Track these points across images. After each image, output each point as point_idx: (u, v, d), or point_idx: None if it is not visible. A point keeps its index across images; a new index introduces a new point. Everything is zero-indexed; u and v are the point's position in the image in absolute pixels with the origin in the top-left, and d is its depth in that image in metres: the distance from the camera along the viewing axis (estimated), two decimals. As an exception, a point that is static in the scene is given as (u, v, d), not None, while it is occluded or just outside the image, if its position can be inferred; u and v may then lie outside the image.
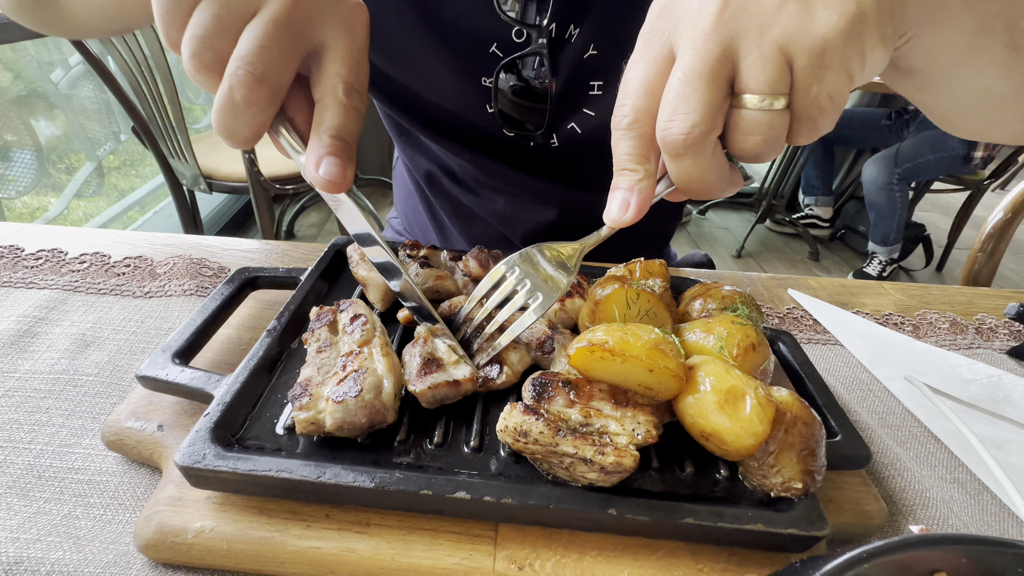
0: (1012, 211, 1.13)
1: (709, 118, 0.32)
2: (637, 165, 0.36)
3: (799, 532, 0.37)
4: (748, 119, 0.32)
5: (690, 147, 0.32)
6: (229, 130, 0.36)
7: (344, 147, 0.38)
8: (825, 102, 0.32)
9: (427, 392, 0.42)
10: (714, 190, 0.36)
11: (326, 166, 0.37)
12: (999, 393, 0.65)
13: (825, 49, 0.30)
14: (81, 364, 0.53)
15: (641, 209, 0.36)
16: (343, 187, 0.38)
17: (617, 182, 0.37)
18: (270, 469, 0.36)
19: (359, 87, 0.39)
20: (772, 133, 0.32)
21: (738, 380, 0.39)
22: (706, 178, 0.34)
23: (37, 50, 2.15)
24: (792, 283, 0.85)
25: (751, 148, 0.33)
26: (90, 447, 0.45)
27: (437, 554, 0.37)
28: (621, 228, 0.38)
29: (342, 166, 0.37)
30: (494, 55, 0.64)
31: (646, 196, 0.36)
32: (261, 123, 0.36)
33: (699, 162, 0.33)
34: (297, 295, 0.53)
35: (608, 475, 0.37)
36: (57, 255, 0.68)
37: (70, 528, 0.39)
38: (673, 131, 0.32)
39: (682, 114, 0.32)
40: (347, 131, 0.38)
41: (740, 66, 0.31)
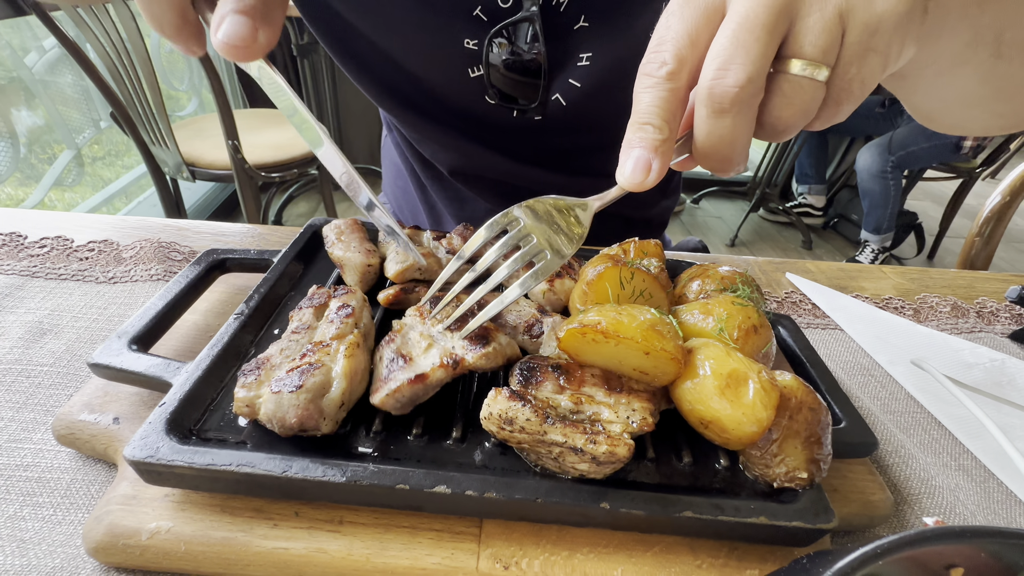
0: (1010, 194, 1.11)
1: (762, 73, 0.29)
2: (663, 122, 0.32)
3: (805, 525, 0.34)
4: (793, 85, 0.30)
5: (738, 103, 0.30)
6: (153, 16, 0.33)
7: (256, 4, 0.32)
8: (856, 87, 0.31)
9: (388, 400, 0.37)
10: (735, 159, 0.33)
11: (229, 25, 0.32)
12: (1003, 377, 0.63)
13: (878, 29, 0.29)
14: (35, 353, 0.49)
15: (661, 173, 0.33)
16: (252, 53, 0.33)
17: (634, 138, 0.33)
18: (231, 463, 0.33)
19: None
20: (810, 105, 0.31)
21: (740, 364, 0.36)
22: (738, 143, 0.32)
23: (10, 34, 2.07)
24: (790, 267, 0.82)
25: (787, 118, 0.31)
26: (41, 442, 0.42)
27: (416, 553, 0.34)
28: (632, 192, 0.34)
29: (251, 26, 0.32)
30: (478, 18, 0.60)
31: (667, 160, 0.33)
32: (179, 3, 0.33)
33: (739, 122, 0.31)
34: (268, 277, 0.50)
35: (600, 466, 0.34)
36: (15, 239, 0.64)
37: (14, 530, 0.36)
38: (727, 82, 0.29)
39: (739, 64, 0.29)
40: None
41: (796, 27, 0.29)
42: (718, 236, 3.72)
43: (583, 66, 0.63)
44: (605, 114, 0.70)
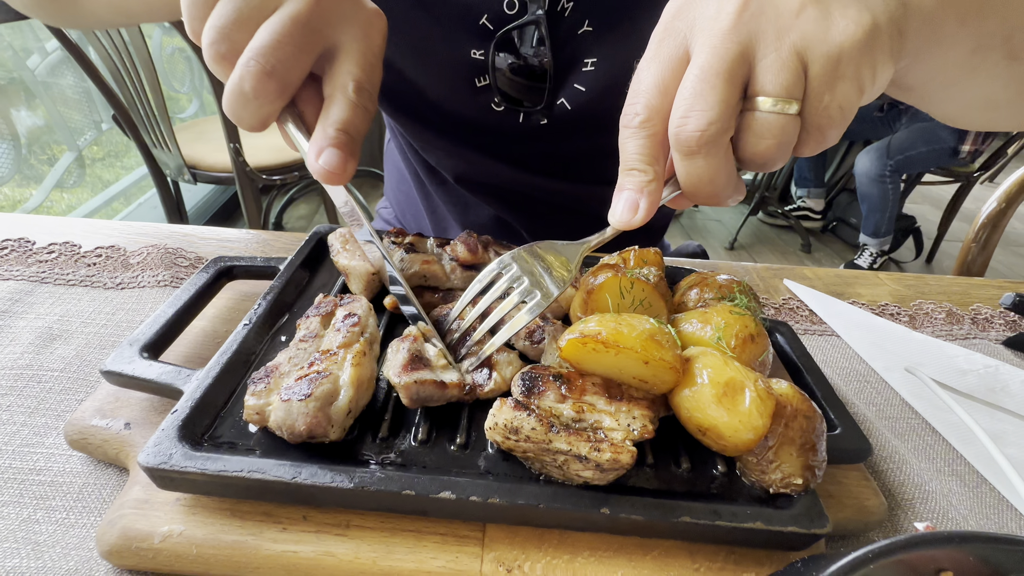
0: (1006, 201, 1.13)
1: (725, 117, 0.31)
2: (647, 166, 0.35)
3: (800, 530, 0.35)
4: (761, 122, 0.32)
5: (704, 145, 0.32)
6: (237, 116, 0.37)
7: (348, 141, 0.38)
8: (835, 112, 0.32)
9: (412, 386, 0.39)
10: (721, 195, 0.35)
11: (327, 156, 0.37)
12: (996, 384, 0.64)
13: (841, 58, 0.30)
14: (46, 359, 0.50)
15: (650, 212, 0.36)
16: (343, 179, 0.39)
17: (624, 182, 0.36)
18: (242, 469, 0.34)
19: (370, 88, 0.39)
20: (784, 138, 0.32)
21: (737, 372, 0.37)
22: (716, 180, 0.34)
23: (12, 36, 2.08)
24: (787, 273, 0.83)
25: (762, 152, 0.33)
26: (53, 447, 0.42)
27: (421, 557, 0.35)
28: (625, 231, 0.37)
29: (343, 158, 0.38)
30: (484, 27, 0.62)
31: (655, 199, 0.36)
32: (268, 114, 0.37)
33: (711, 162, 0.33)
34: (275, 285, 0.51)
35: (604, 473, 0.35)
36: (24, 244, 0.64)
37: (29, 533, 0.37)
38: (688, 127, 0.32)
39: (698, 111, 0.31)
40: (353, 126, 0.38)
41: (756, 68, 0.31)
42: (717, 239, 3.73)
43: (588, 71, 0.64)
44: (610, 119, 0.71)
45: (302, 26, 0.36)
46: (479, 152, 0.76)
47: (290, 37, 0.35)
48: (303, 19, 0.36)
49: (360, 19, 0.39)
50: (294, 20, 0.35)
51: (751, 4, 0.31)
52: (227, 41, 0.35)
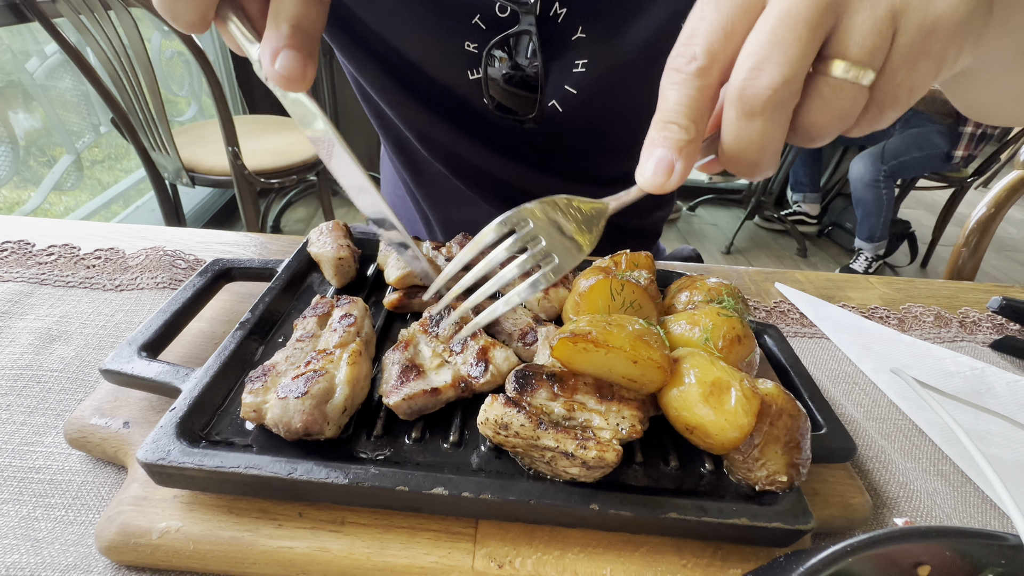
0: (995, 206, 1.14)
1: (799, 74, 0.27)
2: (690, 122, 0.30)
3: (784, 526, 0.36)
4: (832, 88, 0.28)
5: (772, 106, 0.28)
6: (172, 12, 0.33)
7: (305, 40, 0.34)
8: (904, 93, 0.28)
9: (402, 404, 0.40)
10: (764, 165, 0.31)
11: (284, 59, 0.33)
12: (982, 385, 0.65)
13: (935, 31, 0.27)
14: (45, 359, 0.50)
15: (684, 176, 0.31)
16: (303, 84, 0.34)
17: (657, 137, 0.31)
18: (238, 465, 0.34)
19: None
20: (850, 111, 0.28)
21: (723, 372, 0.38)
22: (768, 147, 0.30)
23: (12, 39, 2.08)
24: (779, 277, 0.84)
25: (824, 123, 0.29)
26: (52, 445, 0.43)
27: (414, 552, 0.36)
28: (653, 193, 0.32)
29: (302, 60, 0.33)
30: (476, 26, 0.62)
31: (691, 162, 0.31)
32: (203, 5, 0.33)
33: (771, 127, 0.29)
34: (273, 287, 0.51)
35: (590, 470, 0.36)
36: (24, 247, 0.65)
37: (28, 530, 0.37)
38: (761, 83, 0.27)
39: (775, 64, 0.27)
40: (308, 20, 0.34)
41: (843, 24, 0.27)
42: (714, 244, 3.75)
43: (579, 72, 0.65)
44: (602, 118, 0.72)
45: None
46: (472, 139, 0.76)
47: None
48: None
49: None
50: None
51: None
52: None
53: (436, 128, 0.76)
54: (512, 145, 0.77)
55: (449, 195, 0.86)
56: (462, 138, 0.76)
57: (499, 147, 0.77)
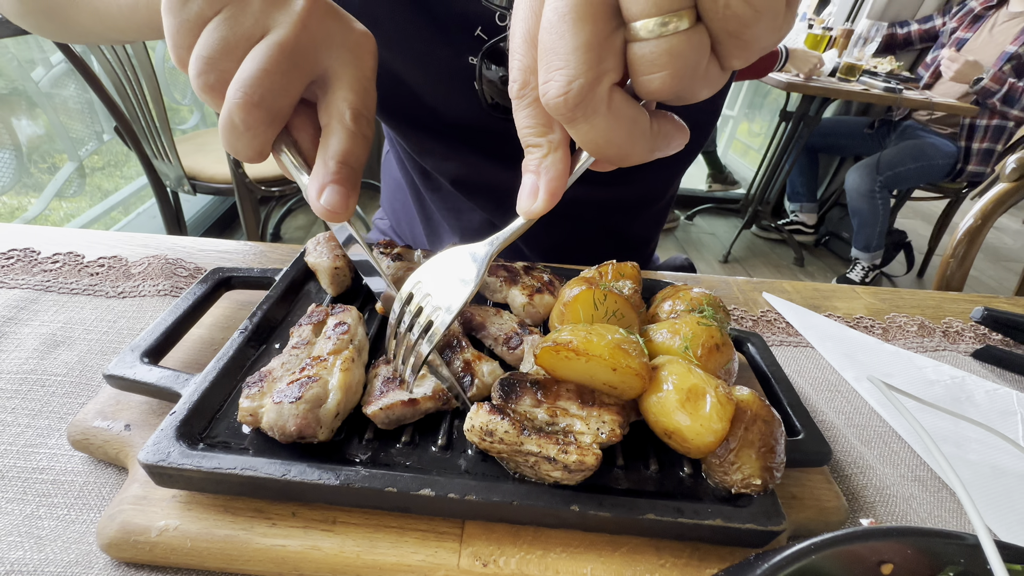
0: (982, 217, 1.16)
1: (590, 66, 0.26)
2: (539, 138, 0.31)
3: (757, 527, 0.38)
4: (646, 52, 0.25)
5: (576, 108, 0.27)
6: (233, 149, 0.36)
7: (350, 174, 0.37)
8: (742, 9, 0.24)
9: (379, 414, 0.41)
10: (633, 152, 0.29)
11: (329, 194, 0.36)
12: (962, 394, 0.67)
13: None
14: (50, 364, 0.52)
15: (553, 193, 0.31)
16: (345, 216, 0.37)
17: (525, 163, 0.32)
18: (235, 467, 0.36)
19: (367, 113, 0.38)
20: (681, 63, 0.25)
21: (699, 379, 0.40)
22: (614, 139, 0.28)
23: (18, 48, 2.12)
24: (767, 287, 0.86)
25: (660, 88, 0.26)
26: (56, 447, 0.45)
27: (402, 551, 0.38)
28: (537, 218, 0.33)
29: (345, 195, 0.36)
30: (479, 38, 0.65)
31: (556, 174, 0.31)
32: (262, 144, 0.36)
33: (596, 123, 0.27)
34: (271, 295, 0.53)
35: (572, 473, 0.38)
36: (29, 255, 0.67)
37: (32, 528, 0.39)
38: (551, 92, 0.27)
39: (555, 70, 0.26)
40: (353, 157, 0.37)
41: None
42: (711, 253, 3.78)
43: None
44: None
45: (289, 53, 0.34)
46: (474, 154, 0.78)
47: (277, 65, 0.34)
48: (290, 46, 0.34)
49: (350, 42, 0.38)
50: (281, 47, 0.34)
51: None
52: (214, 71, 0.34)
53: (436, 145, 0.78)
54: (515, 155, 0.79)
55: (452, 201, 0.89)
56: (464, 152, 0.78)
57: (500, 158, 0.79)
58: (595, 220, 0.90)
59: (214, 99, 0.35)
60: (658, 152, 0.31)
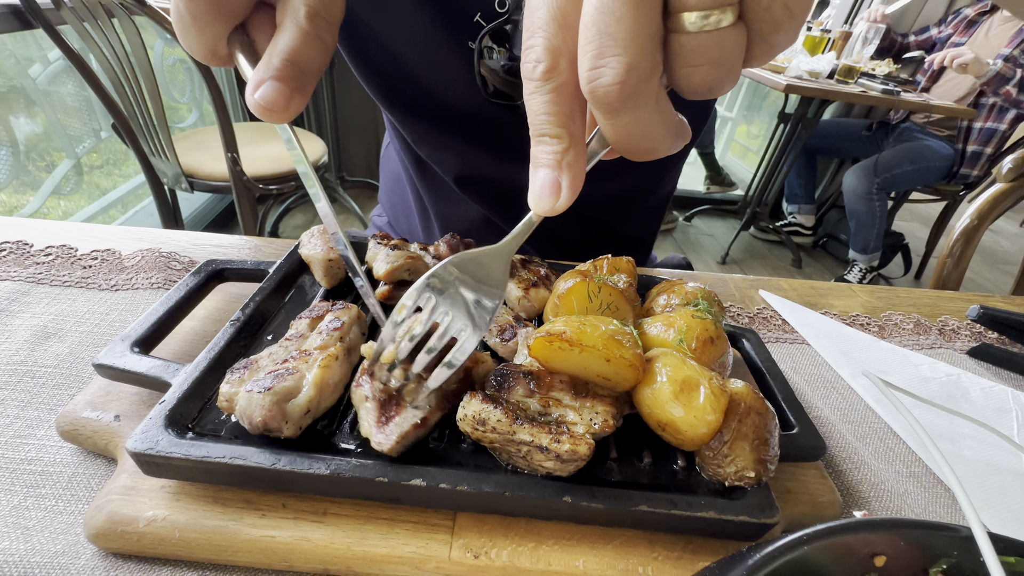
0: (978, 218, 1.16)
1: (647, 55, 0.25)
2: (560, 129, 0.28)
3: (750, 519, 0.37)
4: (692, 45, 0.25)
5: (628, 97, 0.25)
6: (185, 43, 0.34)
7: (295, 73, 0.33)
8: (780, 13, 0.25)
9: (397, 447, 0.37)
10: (661, 147, 0.29)
11: (266, 89, 0.33)
12: (957, 391, 0.67)
13: None
14: (40, 355, 0.52)
15: (575, 189, 0.29)
16: (283, 116, 0.34)
17: (538, 155, 0.29)
18: (224, 456, 0.36)
19: (326, 16, 0.34)
20: (724, 56, 0.25)
21: (693, 371, 0.39)
22: (651, 133, 0.27)
23: (15, 45, 2.11)
24: (763, 284, 0.86)
25: (700, 80, 0.26)
26: (45, 438, 0.44)
27: (393, 543, 0.37)
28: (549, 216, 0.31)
29: (286, 93, 0.33)
30: (478, 24, 0.64)
31: (579, 170, 0.29)
32: (212, 40, 0.34)
33: (642, 115, 0.26)
34: (264, 287, 0.53)
35: (564, 463, 0.37)
36: (22, 247, 0.67)
37: (19, 518, 0.38)
38: (604, 81, 0.25)
39: (612, 56, 0.25)
40: (303, 56, 0.33)
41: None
42: (709, 254, 3.78)
43: None
44: None
45: None
46: (471, 145, 0.78)
47: None
48: None
49: None
50: None
51: None
52: None
53: (437, 134, 0.78)
54: (515, 147, 0.78)
55: (448, 192, 0.88)
56: (463, 143, 0.78)
57: (500, 150, 0.78)
58: (587, 217, 0.90)
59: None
60: (675, 149, 0.30)
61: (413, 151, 0.87)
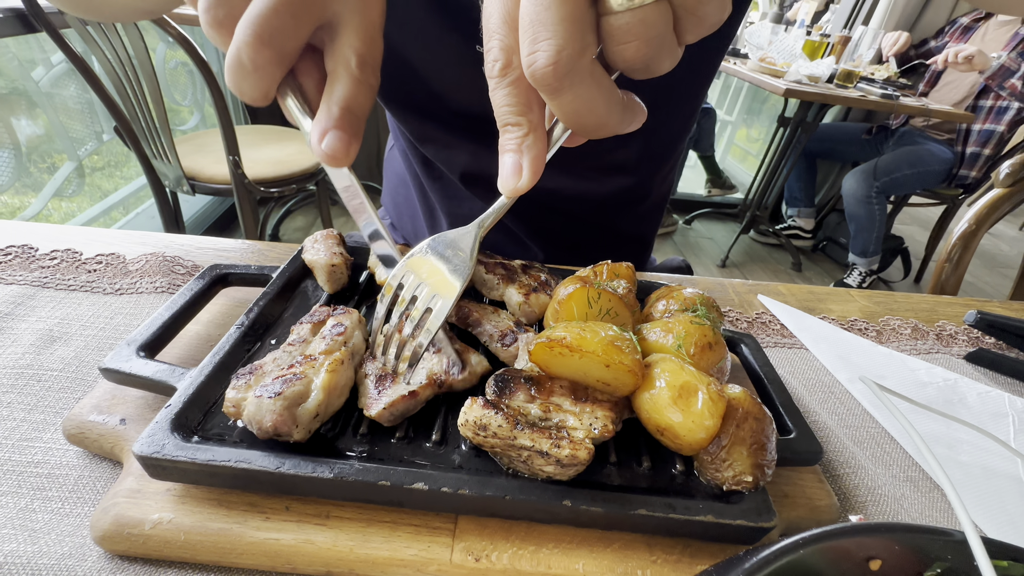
0: (976, 222, 1.17)
1: (576, 36, 0.28)
2: (520, 117, 0.32)
3: (748, 523, 0.38)
4: (619, 24, 0.28)
5: (564, 77, 0.28)
6: (238, 88, 0.36)
7: (353, 121, 0.37)
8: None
9: (384, 413, 0.41)
10: (610, 122, 0.32)
11: (331, 139, 0.36)
12: (954, 396, 0.67)
13: None
14: (46, 359, 0.52)
15: (535, 170, 0.33)
16: (345, 161, 0.38)
17: (503, 142, 0.33)
18: (229, 459, 0.36)
19: (372, 62, 0.38)
20: (651, 32, 0.28)
21: (691, 376, 0.40)
22: (596, 109, 0.30)
23: (19, 48, 2.12)
24: (762, 289, 0.87)
25: (633, 56, 0.29)
26: (51, 441, 0.45)
27: (395, 545, 0.38)
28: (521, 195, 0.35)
29: (347, 140, 0.37)
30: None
31: (538, 152, 0.33)
32: (267, 85, 0.36)
33: (580, 92, 0.29)
34: (267, 292, 0.54)
35: (564, 468, 0.38)
36: (27, 251, 0.67)
37: (26, 521, 0.39)
38: (540, 62, 0.28)
39: (544, 40, 0.28)
40: (357, 104, 0.37)
41: None
42: (709, 257, 3.79)
43: None
44: None
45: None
46: (477, 143, 0.79)
47: (287, 6, 0.34)
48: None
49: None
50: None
51: None
52: (223, 7, 0.34)
53: (443, 132, 0.79)
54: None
55: (454, 191, 0.90)
56: (467, 140, 0.79)
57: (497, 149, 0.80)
58: (586, 217, 0.91)
59: (220, 36, 0.35)
60: (627, 125, 0.33)
61: (416, 150, 0.88)
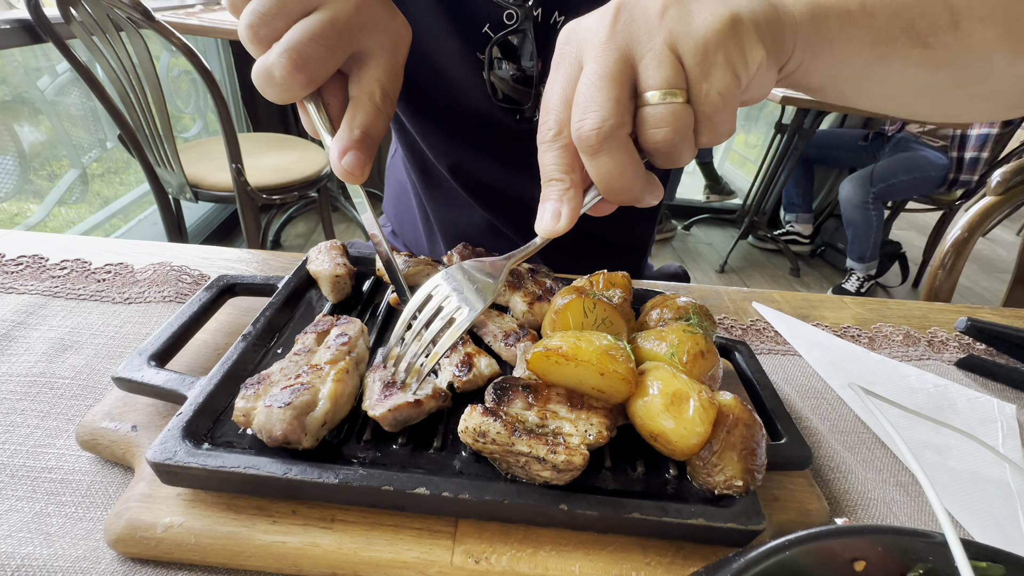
0: (968, 230, 1.19)
1: (617, 112, 0.34)
2: (564, 175, 0.38)
3: (738, 526, 0.39)
4: (653, 113, 0.35)
5: (604, 141, 0.35)
6: (262, 91, 0.40)
7: (370, 144, 0.42)
8: (716, 99, 0.35)
9: (387, 416, 0.42)
10: (634, 188, 0.38)
11: (350, 158, 0.42)
12: (944, 402, 0.68)
13: (707, 47, 0.34)
14: (58, 367, 0.54)
15: (572, 218, 0.39)
16: (360, 179, 0.43)
17: (546, 194, 0.39)
18: (238, 465, 0.38)
19: (393, 95, 0.43)
20: (678, 124, 0.35)
21: (683, 384, 0.42)
22: (625, 174, 0.36)
23: (24, 57, 2.15)
24: (757, 296, 0.88)
25: (662, 140, 0.35)
26: (64, 447, 0.46)
27: (397, 548, 0.39)
28: (554, 238, 0.40)
29: (363, 161, 0.42)
30: (486, 35, 0.68)
31: (575, 205, 0.39)
32: (292, 98, 0.41)
33: (615, 157, 0.36)
34: (273, 302, 0.55)
35: (560, 473, 0.39)
36: (38, 261, 0.69)
37: (41, 525, 0.40)
38: (586, 127, 0.35)
39: (592, 111, 0.34)
40: (375, 130, 0.42)
41: (639, 68, 0.35)
42: (708, 262, 3.80)
43: None
44: None
45: (339, 30, 0.39)
46: (476, 146, 0.81)
47: (325, 38, 0.38)
48: (341, 23, 0.39)
49: (391, 30, 0.43)
50: (332, 23, 0.39)
51: (621, 14, 0.35)
52: (267, 26, 0.38)
53: (444, 130, 0.82)
54: (515, 153, 0.82)
55: (452, 199, 0.92)
56: (466, 142, 0.81)
57: (500, 154, 0.82)
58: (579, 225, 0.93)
59: (257, 49, 0.39)
60: (647, 197, 0.39)
61: (419, 159, 0.90)
